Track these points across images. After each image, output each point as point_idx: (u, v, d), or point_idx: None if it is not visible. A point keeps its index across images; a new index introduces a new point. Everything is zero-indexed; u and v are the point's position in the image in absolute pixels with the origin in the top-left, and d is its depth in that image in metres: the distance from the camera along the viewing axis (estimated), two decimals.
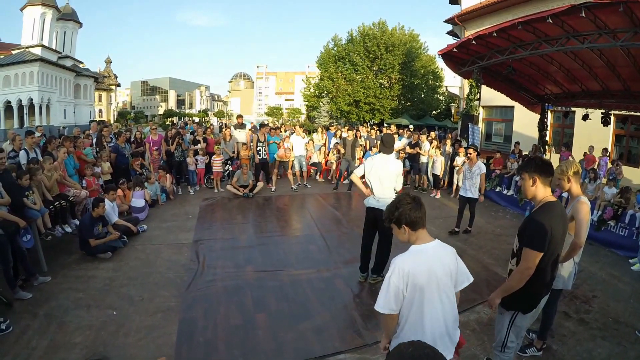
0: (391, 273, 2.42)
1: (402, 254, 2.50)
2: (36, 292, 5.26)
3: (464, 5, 21.99)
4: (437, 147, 12.40)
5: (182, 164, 11.78)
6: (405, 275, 2.39)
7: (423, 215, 2.55)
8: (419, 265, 2.43)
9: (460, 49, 11.05)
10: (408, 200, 2.56)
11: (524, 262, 2.93)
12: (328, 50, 37.92)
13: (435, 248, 2.55)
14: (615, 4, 6.75)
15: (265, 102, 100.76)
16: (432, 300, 2.47)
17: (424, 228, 2.57)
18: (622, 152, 15.52)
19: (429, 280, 2.43)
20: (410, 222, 2.52)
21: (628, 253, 7.33)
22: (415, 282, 2.39)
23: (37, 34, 44.10)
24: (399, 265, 2.42)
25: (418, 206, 2.54)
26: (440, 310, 2.51)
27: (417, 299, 2.43)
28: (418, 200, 2.58)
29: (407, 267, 2.40)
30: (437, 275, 2.46)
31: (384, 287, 2.43)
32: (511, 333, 3.22)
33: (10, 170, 6.22)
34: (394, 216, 2.57)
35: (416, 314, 2.46)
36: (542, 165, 3.09)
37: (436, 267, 2.48)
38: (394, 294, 2.40)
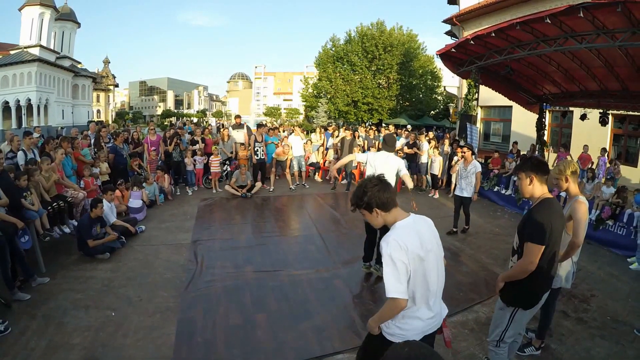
0: (391, 251, 2.35)
1: (391, 231, 2.46)
2: (34, 293, 5.25)
3: (462, 5, 22.02)
4: (435, 147, 12.42)
5: (180, 165, 11.77)
6: (404, 248, 2.35)
7: (392, 194, 2.52)
8: (412, 237, 2.41)
9: (458, 49, 11.07)
10: (374, 182, 2.52)
11: (526, 256, 2.99)
12: (326, 51, 37.92)
13: (417, 220, 2.56)
14: (613, 4, 6.77)
15: (264, 103, 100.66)
16: (432, 270, 2.49)
17: (396, 206, 2.54)
18: (620, 151, 15.56)
19: (425, 250, 2.43)
20: (382, 203, 2.48)
21: (626, 252, 7.34)
22: (415, 254, 2.38)
23: (35, 34, 43.98)
24: (395, 240, 2.37)
25: (386, 186, 2.51)
26: (437, 278, 2.56)
27: (419, 271, 2.41)
28: (385, 181, 2.55)
29: (402, 241, 2.37)
30: (429, 244, 2.49)
31: (390, 267, 2.35)
32: (510, 329, 3.27)
33: (8, 171, 6.21)
34: (363, 201, 2.52)
35: (422, 286, 2.45)
36: (538, 164, 3.19)
37: (425, 236, 2.49)
38: (402, 271, 2.34)
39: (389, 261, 2.35)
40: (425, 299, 2.49)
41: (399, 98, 36.20)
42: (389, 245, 2.37)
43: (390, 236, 2.41)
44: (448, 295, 5.40)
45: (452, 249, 7.45)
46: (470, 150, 8.21)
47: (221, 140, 12.91)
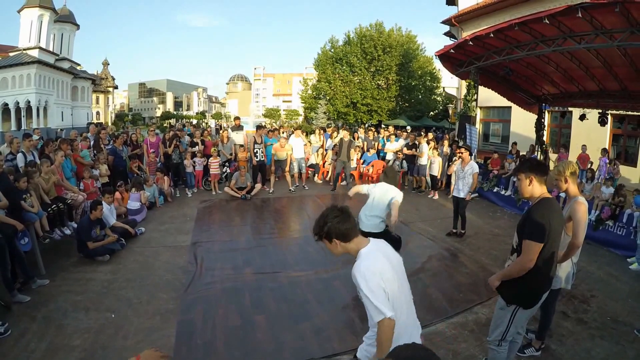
0: (366, 280, 2.34)
1: (359, 261, 2.45)
2: (34, 295, 5.24)
3: (461, 6, 22.05)
4: (434, 148, 12.42)
5: (180, 166, 11.77)
6: (378, 273, 2.35)
7: (352, 224, 2.52)
8: (381, 261, 2.44)
9: (457, 50, 11.07)
10: (335, 213, 2.52)
11: (525, 254, 3.03)
12: (325, 52, 37.96)
13: (378, 244, 2.59)
14: (612, 4, 6.77)
15: (263, 104, 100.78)
16: (403, 290, 2.55)
17: (357, 235, 2.54)
18: (620, 151, 15.58)
19: (394, 272, 2.47)
20: (341, 234, 2.49)
21: (626, 252, 7.35)
22: (388, 277, 2.39)
23: (34, 36, 43.99)
24: (367, 269, 2.37)
25: (346, 217, 2.51)
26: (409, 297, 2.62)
27: (395, 293, 2.42)
28: (346, 211, 2.54)
29: (374, 267, 2.38)
30: (396, 266, 2.54)
31: (370, 296, 2.33)
32: (511, 327, 3.30)
33: (7, 173, 6.21)
34: (324, 231, 2.52)
35: (401, 308, 2.46)
36: (537, 165, 3.28)
37: (390, 257, 2.54)
38: (382, 296, 2.33)
39: (369, 292, 2.34)
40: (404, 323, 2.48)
41: (398, 99, 36.23)
42: (363, 276, 2.36)
43: (361, 265, 2.41)
44: (448, 297, 5.45)
45: (451, 250, 7.45)
46: (467, 151, 8.19)
47: (220, 142, 12.91)
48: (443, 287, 5.81)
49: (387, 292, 2.36)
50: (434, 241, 7.90)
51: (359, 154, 13.85)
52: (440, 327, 4.71)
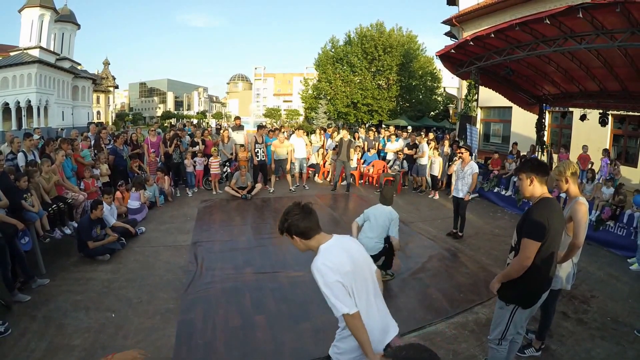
0: (322, 275, 2.37)
1: (317, 257, 2.47)
2: (34, 294, 5.25)
3: (462, 6, 22.04)
4: (435, 148, 12.41)
5: (180, 166, 11.77)
6: (335, 267, 2.36)
7: (313, 223, 2.53)
8: (340, 255, 2.44)
9: (458, 50, 11.07)
10: (296, 210, 2.54)
11: (522, 252, 3.05)
12: (326, 52, 37.94)
13: (340, 239, 2.59)
14: (612, 4, 6.78)
15: (264, 104, 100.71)
16: (367, 284, 2.53)
17: (319, 233, 2.56)
18: (620, 152, 15.57)
19: (354, 267, 2.45)
20: (300, 232, 2.51)
21: (626, 253, 7.35)
22: (346, 271, 2.39)
23: (35, 35, 44.00)
24: (324, 264, 2.39)
25: (306, 215, 2.53)
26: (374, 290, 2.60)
27: (356, 287, 2.43)
28: (307, 209, 2.55)
29: (331, 262, 2.39)
30: (358, 259, 2.52)
31: (329, 292, 2.35)
32: (511, 327, 3.31)
33: (8, 172, 6.22)
34: (284, 227, 2.56)
35: (363, 301, 2.45)
36: (538, 165, 3.30)
37: (351, 252, 2.52)
38: (341, 290, 2.35)
39: (326, 287, 2.36)
40: (366, 314, 2.46)
41: (399, 99, 36.22)
42: (319, 272, 2.39)
43: (317, 261, 2.42)
44: (448, 297, 5.45)
45: (451, 250, 7.45)
46: (468, 151, 8.18)
47: (221, 141, 12.91)
48: (443, 287, 5.81)
49: (346, 286, 2.37)
50: (434, 241, 7.90)
51: (359, 153, 13.85)
52: (440, 327, 4.72)
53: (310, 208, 2.57)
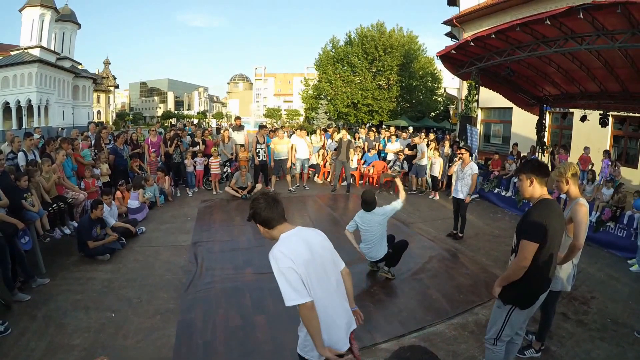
0: (278, 263, 2.39)
1: (275, 245, 2.52)
2: (34, 294, 5.25)
3: (462, 7, 22.03)
4: (435, 149, 12.40)
5: (181, 166, 11.77)
6: (290, 255, 2.40)
7: (276, 213, 2.57)
8: (297, 245, 2.48)
9: (458, 51, 11.07)
10: (261, 200, 2.60)
11: (520, 253, 3.05)
12: (326, 52, 37.93)
13: (302, 230, 2.63)
14: (613, 5, 6.77)
15: (264, 104, 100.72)
16: (327, 277, 2.56)
17: (282, 223, 2.60)
18: (621, 153, 15.56)
19: (315, 256, 2.50)
20: (262, 220, 2.58)
21: (626, 254, 7.35)
22: (303, 260, 2.42)
23: (35, 35, 44.05)
24: (280, 252, 2.43)
25: (270, 205, 2.57)
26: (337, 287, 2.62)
27: (312, 278, 2.44)
28: (272, 200, 2.60)
29: (287, 250, 2.43)
30: (316, 248, 2.55)
31: (282, 279, 2.38)
32: (506, 327, 3.31)
33: (8, 172, 6.22)
34: (250, 215, 2.63)
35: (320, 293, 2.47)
36: (538, 166, 3.29)
37: (312, 243, 2.56)
38: (295, 278, 2.37)
39: (279, 274, 2.38)
40: (325, 308, 2.48)
41: (399, 99, 36.19)
42: (274, 257, 2.42)
43: (275, 249, 2.47)
44: (448, 298, 5.45)
45: (451, 250, 7.45)
46: (468, 151, 8.16)
47: (221, 141, 12.90)
48: (443, 288, 5.80)
49: (300, 275, 2.39)
50: (434, 242, 7.89)
51: (359, 154, 13.85)
52: (440, 328, 4.71)
53: (275, 199, 2.62)
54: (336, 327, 2.52)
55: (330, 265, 2.62)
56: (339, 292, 2.63)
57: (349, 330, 2.62)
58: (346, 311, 2.66)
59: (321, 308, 2.44)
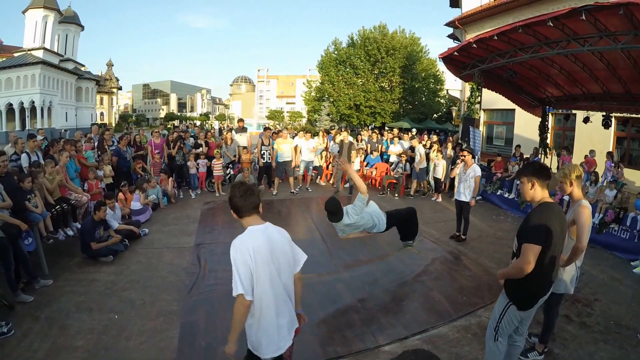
0: (235, 253, 2.56)
1: (240, 235, 2.66)
2: (38, 295, 5.27)
3: (465, 8, 21.99)
4: (438, 151, 12.37)
5: (184, 168, 11.79)
6: (250, 251, 2.54)
7: (247, 204, 2.68)
8: (258, 241, 2.61)
9: (461, 53, 11.06)
10: (238, 188, 2.72)
11: (523, 256, 3.02)
12: (329, 54, 37.88)
13: (268, 229, 2.75)
14: (616, 6, 6.76)
15: (267, 106, 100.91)
16: (279, 278, 2.68)
17: (252, 215, 2.72)
18: (623, 154, 15.51)
19: (271, 254, 2.62)
20: (234, 208, 2.72)
21: (630, 256, 7.32)
22: (259, 259, 2.56)
23: (39, 36, 44.21)
24: (241, 243, 2.59)
25: (244, 195, 2.68)
26: (286, 290, 2.74)
27: (261, 276, 2.58)
28: (247, 191, 2.70)
29: (247, 244, 2.58)
30: (276, 249, 2.68)
31: (234, 268, 2.56)
32: (503, 320, 3.30)
33: (12, 173, 6.24)
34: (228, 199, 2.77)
35: (270, 291, 2.63)
36: (539, 169, 3.28)
37: (277, 243, 2.70)
38: (245, 271, 2.54)
39: (234, 265, 2.57)
40: (269, 304, 2.64)
41: (402, 101, 36.09)
42: (234, 247, 2.60)
43: (238, 239, 2.63)
44: (451, 300, 5.44)
45: (454, 253, 7.44)
46: (470, 154, 8.14)
47: (224, 143, 12.92)
48: (446, 290, 5.79)
49: (252, 271, 2.55)
50: (437, 244, 7.89)
51: (362, 156, 13.84)
52: (443, 330, 4.71)
53: (251, 190, 2.72)
54: (278, 326, 2.67)
55: (285, 266, 2.72)
56: (286, 292, 2.74)
57: (291, 329, 2.78)
58: (290, 311, 2.78)
59: (267, 303, 2.61)
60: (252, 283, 2.56)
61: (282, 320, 2.69)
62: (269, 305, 2.62)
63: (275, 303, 2.65)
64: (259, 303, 2.62)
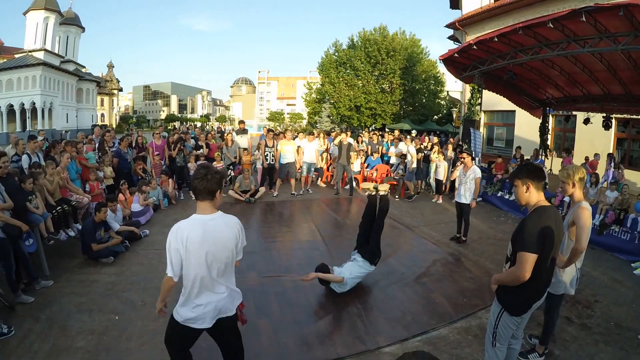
0: (170, 237, 2.74)
1: (182, 221, 2.80)
2: (38, 296, 5.27)
3: (465, 10, 22.05)
4: (440, 152, 12.36)
5: (184, 169, 11.79)
6: (184, 239, 2.69)
7: (202, 188, 2.76)
8: (194, 229, 2.73)
9: (461, 54, 11.09)
10: (201, 170, 2.79)
11: (519, 265, 2.91)
12: (329, 56, 37.90)
13: (214, 220, 2.81)
14: (616, 8, 6.78)
15: (267, 107, 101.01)
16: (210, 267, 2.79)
17: (204, 200, 2.80)
18: (624, 155, 15.53)
19: (202, 244, 2.72)
20: (193, 189, 2.87)
21: (630, 257, 7.32)
22: (192, 247, 2.71)
23: (40, 38, 44.36)
24: (177, 228, 2.75)
25: (202, 178, 2.75)
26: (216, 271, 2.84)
27: (190, 261, 2.74)
28: (206, 174, 2.76)
29: (182, 230, 2.73)
30: (212, 240, 2.76)
31: (168, 254, 2.76)
32: (499, 327, 3.20)
33: (13, 174, 6.24)
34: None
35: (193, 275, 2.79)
36: (533, 170, 3.14)
37: (210, 234, 2.76)
38: (175, 255, 2.73)
39: (168, 249, 2.76)
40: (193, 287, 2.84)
41: (402, 103, 36.12)
42: (171, 232, 2.77)
43: (176, 225, 2.78)
44: (452, 301, 5.44)
45: (455, 254, 7.43)
46: (469, 155, 8.13)
47: (225, 145, 12.93)
48: (447, 292, 5.79)
49: (182, 258, 2.74)
50: (438, 245, 7.88)
51: (363, 157, 13.84)
52: (444, 332, 4.70)
53: (211, 176, 2.76)
54: (201, 306, 2.86)
55: (219, 261, 2.82)
56: (214, 283, 2.87)
57: (216, 312, 2.92)
58: (218, 295, 2.92)
59: (192, 286, 2.82)
60: (181, 268, 2.78)
61: (205, 300, 2.87)
62: (194, 288, 2.82)
63: (200, 289, 2.83)
64: (187, 284, 2.84)
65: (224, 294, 2.94)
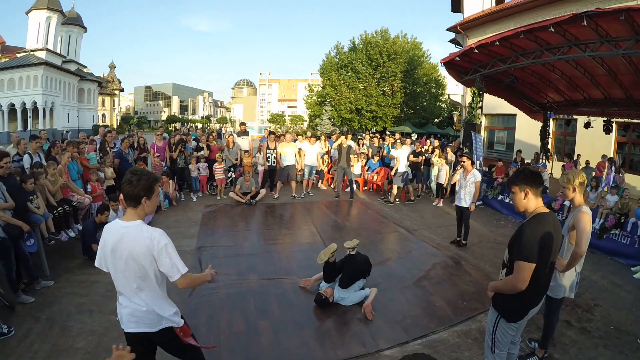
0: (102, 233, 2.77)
1: (114, 221, 2.79)
2: (39, 296, 5.27)
3: (466, 13, 22.09)
4: (441, 156, 12.36)
5: (185, 171, 11.80)
6: (102, 241, 2.73)
7: (126, 193, 2.64)
8: (110, 235, 2.69)
9: (462, 58, 11.10)
10: (130, 174, 2.69)
11: (517, 274, 2.84)
12: (330, 58, 37.95)
13: (128, 229, 2.66)
14: (617, 12, 6.80)
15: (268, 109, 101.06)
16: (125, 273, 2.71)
17: (129, 206, 2.70)
18: (624, 159, 15.53)
19: (114, 253, 2.66)
20: (121, 192, 2.75)
21: (630, 261, 7.33)
22: (104, 252, 2.72)
23: (42, 37, 44.42)
24: (107, 228, 2.76)
25: (128, 183, 2.64)
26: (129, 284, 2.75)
27: (110, 266, 2.73)
28: (131, 178, 2.65)
29: (105, 235, 2.74)
30: (120, 251, 2.65)
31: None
32: (497, 333, 3.15)
33: (14, 174, 6.24)
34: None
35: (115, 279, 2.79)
36: (531, 176, 3.03)
37: (122, 244, 2.64)
38: (99, 254, 2.77)
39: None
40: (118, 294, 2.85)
41: (403, 106, 36.15)
42: (105, 227, 2.81)
43: (111, 222, 2.80)
44: (451, 305, 5.44)
45: (455, 258, 7.43)
46: (469, 159, 8.13)
47: (226, 147, 12.94)
48: (447, 295, 5.79)
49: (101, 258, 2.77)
50: (438, 249, 7.88)
51: (363, 160, 13.84)
52: (443, 335, 4.70)
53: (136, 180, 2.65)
54: (120, 305, 2.85)
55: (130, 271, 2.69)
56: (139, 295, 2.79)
57: (132, 319, 2.82)
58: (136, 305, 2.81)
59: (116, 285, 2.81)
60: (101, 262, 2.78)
61: (123, 309, 2.82)
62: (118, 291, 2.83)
63: (119, 289, 2.82)
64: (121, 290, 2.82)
65: (143, 308, 2.81)
